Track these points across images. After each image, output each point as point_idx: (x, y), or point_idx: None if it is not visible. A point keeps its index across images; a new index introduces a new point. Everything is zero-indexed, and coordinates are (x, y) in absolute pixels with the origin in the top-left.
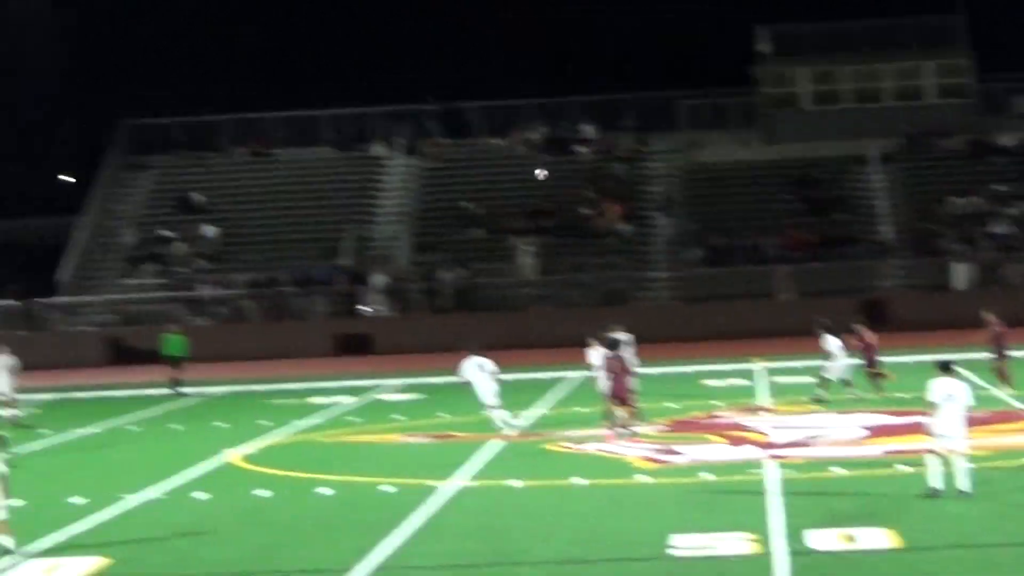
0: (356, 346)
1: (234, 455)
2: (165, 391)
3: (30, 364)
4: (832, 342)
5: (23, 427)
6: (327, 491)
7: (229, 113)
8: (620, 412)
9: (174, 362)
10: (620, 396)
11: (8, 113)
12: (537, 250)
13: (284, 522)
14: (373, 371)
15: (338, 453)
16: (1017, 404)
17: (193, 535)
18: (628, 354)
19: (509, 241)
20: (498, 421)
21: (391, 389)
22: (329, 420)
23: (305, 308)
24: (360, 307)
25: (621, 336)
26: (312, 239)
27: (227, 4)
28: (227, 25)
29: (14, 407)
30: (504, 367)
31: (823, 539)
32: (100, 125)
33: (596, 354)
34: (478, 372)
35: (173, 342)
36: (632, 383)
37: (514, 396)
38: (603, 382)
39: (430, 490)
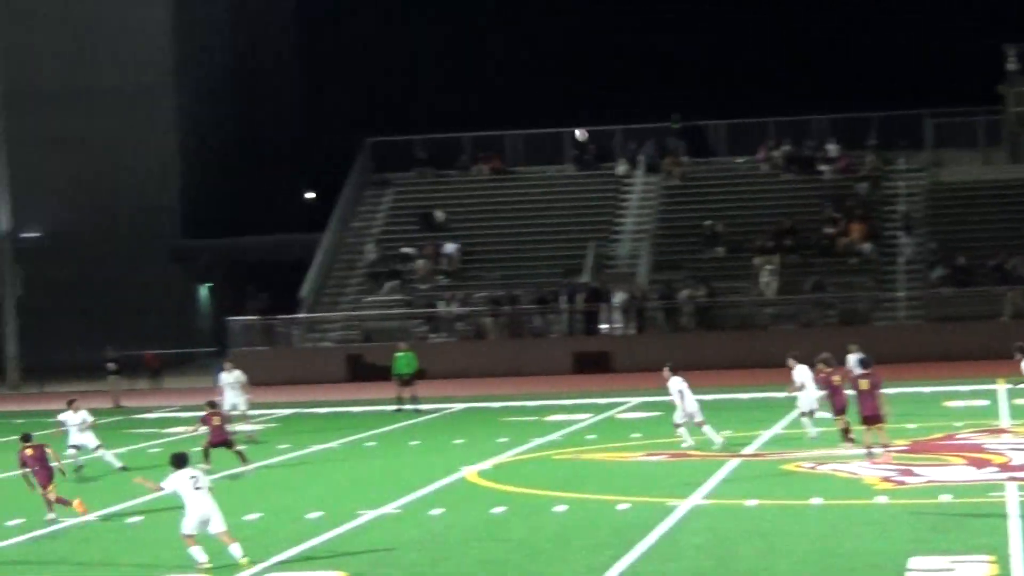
0: (595, 364)
1: (470, 471)
2: (396, 408)
3: (271, 380)
4: None
5: (254, 442)
6: (562, 508)
7: (470, 131)
8: (872, 431)
9: (403, 380)
10: (873, 415)
11: (255, 133)
12: (778, 269)
13: (518, 539)
14: (611, 389)
15: (574, 471)
16: None
17: (427, 550)
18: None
19: (750, 260)
20: (686, 439)
21: (629, 407)
22: (566, 437)
23: (544, 326)
24: (600, 325)
25: (858, 355)
26: (552, 256)
27: (470, 23)
28: (470, 43)
29: (237, 422)
30: (743, 386)
31: None
32: (344, 143)
33: (800, 373)
34: (684, 388)
35: (402, 360)
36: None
37: (752, 415)
38: (807, 400)
39: (666, 509)
